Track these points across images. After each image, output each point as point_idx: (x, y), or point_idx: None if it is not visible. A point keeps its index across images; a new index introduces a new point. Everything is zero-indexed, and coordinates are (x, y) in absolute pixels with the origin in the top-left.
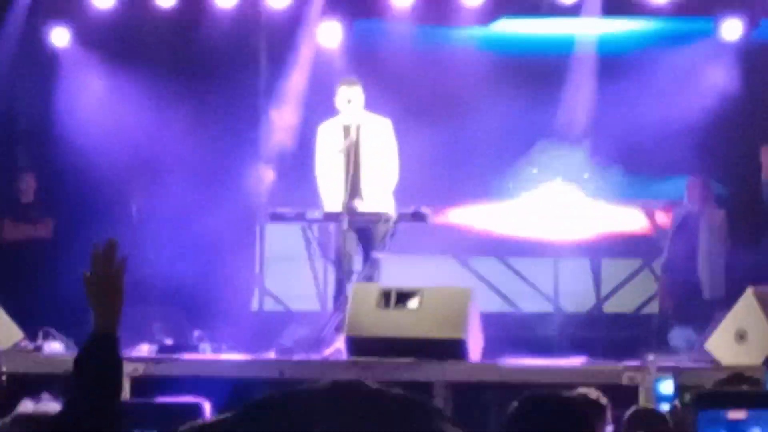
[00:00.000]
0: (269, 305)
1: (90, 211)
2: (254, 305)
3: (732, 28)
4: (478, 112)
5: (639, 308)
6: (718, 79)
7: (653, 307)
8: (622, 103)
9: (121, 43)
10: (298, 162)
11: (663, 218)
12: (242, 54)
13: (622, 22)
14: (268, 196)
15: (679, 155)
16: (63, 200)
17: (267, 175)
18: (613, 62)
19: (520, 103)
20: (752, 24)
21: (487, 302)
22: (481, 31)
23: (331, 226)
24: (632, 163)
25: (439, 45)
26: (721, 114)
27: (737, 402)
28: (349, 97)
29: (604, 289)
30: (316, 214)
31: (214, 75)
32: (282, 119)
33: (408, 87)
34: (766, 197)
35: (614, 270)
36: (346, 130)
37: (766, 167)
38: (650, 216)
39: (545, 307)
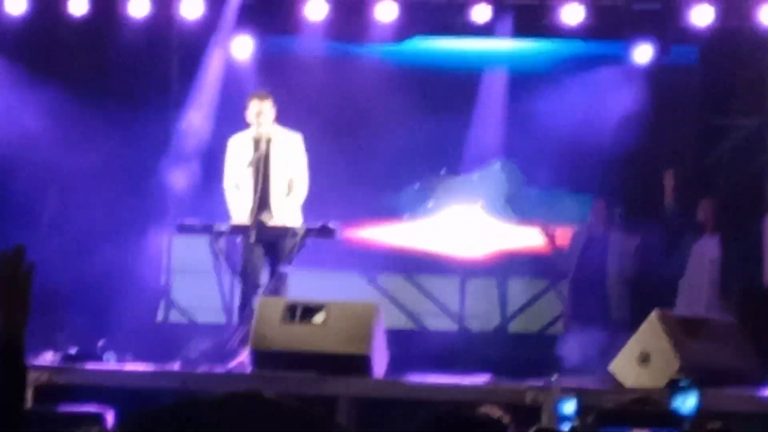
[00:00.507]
0: (175, 316)
1: None
2: (160, 316)
3: (643, 53)
4: (388, 129)
5: (544, 328)
6: (628, 102)
7: (558, 328)
8: (532, 121)
9: (32, 51)
10: (207, 174)
11: (563, 238)
12: (154, 64)
13: (534, 43)
14: (175, 207)
15: (585, 175)
16: None
17: (176, 186)
18: (524, 81)
19: (431, 120)
20: (663, 50)
21: (393, 319)
22: (394, 48)
23: (239, 239)
24: (539, 182)
25: (351, 60)
26: (628, 137)
27: (639, 422)
28: (260, 110)
29: (510, 309)
30: (223, 227)
31: (126, 85)
32: (192, 130)
33: (319, 101)
34: (669, 221)
35: (520, 290)
36: (256, 143)
37: (668, 192)
38: (550, 236)
39: (451, 325)
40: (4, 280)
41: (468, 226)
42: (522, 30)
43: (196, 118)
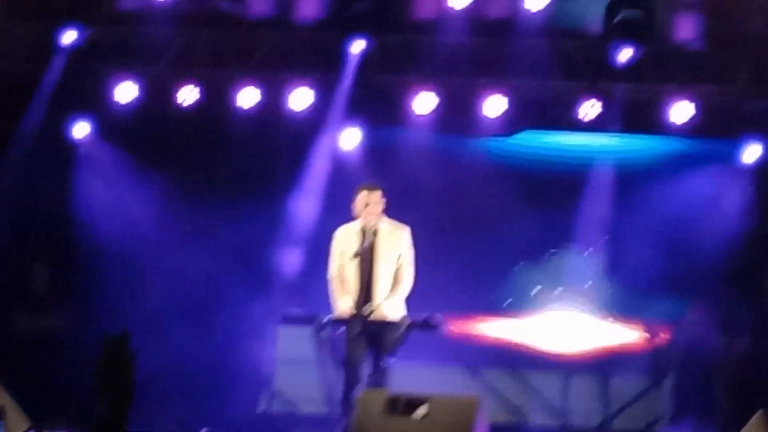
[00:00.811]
0: (277, 407)
1: (104, 304)
2: (262, 406)
3: (751, 153)
4: (495, 223)
5: (648, 427)
6: (735, 203)
7: (661, 426)
8: (634, 218)
9: (141, 138)
10: (313, 262)
11: (663, 337)
12: (262, 154)
13: (642, 140)
14: (282, 295)
15: (682, 278)
16: (77, 292)
17: (283, 274)
18: (631, 178)
19: (537, 216)
20: None
21: (496, 414)
22: (502, 142)
23: (342, 330)
24: (633, 278)
25: (459, 154)
26: (733, 238)
27: None
28: (368, 201)
29: (613, 407)
30: (327, 318)
31: (234, 175)
32: (299, 219)
33: (426, 194)
34: None
35: (623, 388)
36: (363, 234)
37: None
38: (653, 334)
39: (553, 421)
40: (109, 363)
41: (570, 323)
42: (630, 126)
43: (303, 208)
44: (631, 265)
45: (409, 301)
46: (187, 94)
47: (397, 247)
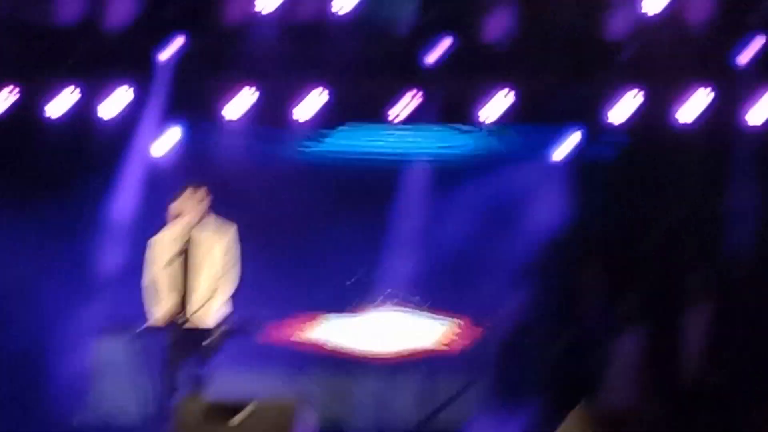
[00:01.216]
0: (93, 418)
1: None
2: (78, 418)
3: (570, 141)
4: (314, 222)
5: (468, 424)
6: (552, 195)
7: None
8: (453, 212)
9: None
10: (131, 272)
11: (480, 330)
12: (78, 162)
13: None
14: (98, 305)
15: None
16: None
17: (99, 281)
18: (448, 171)
19: (353, 214)
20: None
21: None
22: (318, 140)
23: (158, 339)
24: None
25: (276, 153)
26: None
27: None
28: (194, 198)
29: (433, 406)
30: (142, 327)
31: (50, 182)
32: (115, 223)
33: (244, 194)
34: (594, 314)
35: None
36: (186, 232)
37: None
38: (471, 328)
39: (372, 424)
40: None
41: (389, 323)
42: (447, 120)
43: (120, 213)
44: (448, 259)
45: (234, 299)
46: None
47: (219, 246)
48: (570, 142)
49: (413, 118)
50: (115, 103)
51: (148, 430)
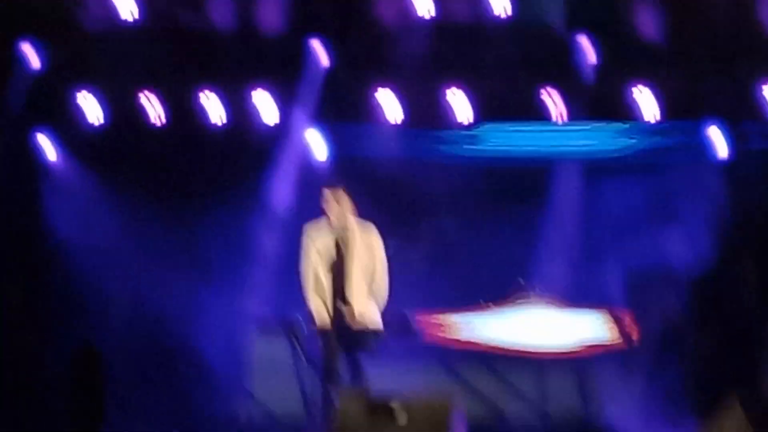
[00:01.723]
0: (255, 412)
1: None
2: (240, 411)
3: (720, 143)
4: (462, 221)
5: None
6: (705, 194)
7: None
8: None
9: (111, 158)
10: (286, 265)
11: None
12: (231, 167)
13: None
14: (257, 301)
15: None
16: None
17: (256, 278)
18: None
19: (505, 212)
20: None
21: (474, 409)
22: (466, 135)
23: (319, 334)
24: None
25: (424, 149)
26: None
27: None
28: (335, 201)
29: (593, 399)
30: (302, 325)
31: (203, 182)
32: (270, 223)
33: (393, 193)
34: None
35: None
36: (334, 236)
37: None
38: (622, 328)
39: (532, 413)
40: (77, 381)
41: (545, 319)
42: (597, 118)
43: (274, 212)
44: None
45: (389, 297)
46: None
47: (369, 246)
48: (727, 138)
49: (568, 116)
50: (266, 108)
51: (310, 426)
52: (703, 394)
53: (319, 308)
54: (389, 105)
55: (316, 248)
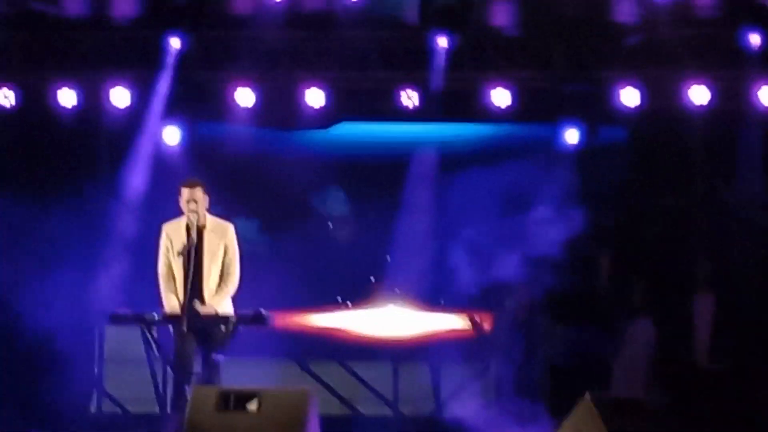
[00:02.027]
0: (108, 407)
1: None
2: (93, 407)
3: (572, 135)
4: (318, 216)
5: (475, 412)
6: (558, 185)
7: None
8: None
9: None
10: (140, 261)
11: (487, 324)
12: (84, 156)
13: (464, 126)
14: (108, 296)
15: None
16: None
17: (108, 273)
18: (454, 164)
19: (360, 207)
20: (591, 131)
21: (327, 406)
22: (322, 134)
23: (171, 328)
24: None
25: (280, 147)
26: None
27: None
28: (190, 197)
29: (443, 393)
30: (155, 316)
31: (56, 176)
32: (123, 216)
33: (249, 189)
34: (603, 303)
35: (453, 373)
36: (188, 231)
37: (603, 274)
38: (475, 321)
39: (385, 411)
40: None
41: (397, 312)
42: (450, 113)
43: (127, 205)
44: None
45: (236, 296)
46: (3, 98)
47: (221, 243)
48: (572, 133)
49: (418, 111)
50: (120, 96)
51: (162, 417)
52: (557, 394)
53: (173, 304)
54: (245, 99)
55: (173, 247)
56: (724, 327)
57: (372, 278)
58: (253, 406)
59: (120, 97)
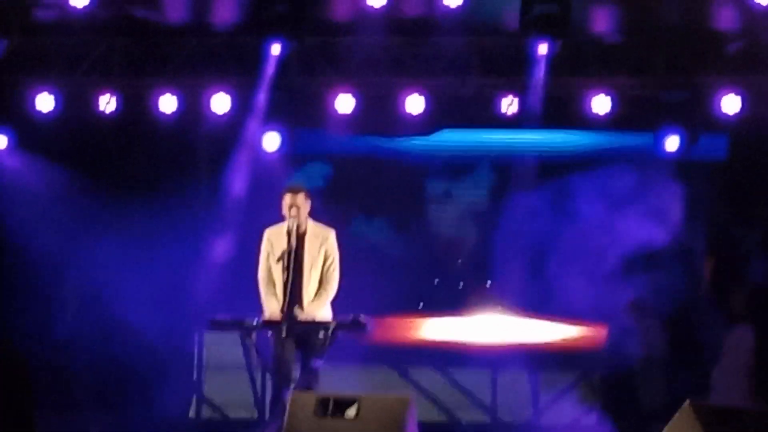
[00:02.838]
0: (207, 413)
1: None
2: (192, 412)
3: (672, 143)
4: (420, 223)
5: (574, 421)
6: (658, 194)
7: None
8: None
9: (61, 148)
10: (241, 266)
11: (599, 336)
12: (184, 162)
13: (563, 134)
14: (208, 301)
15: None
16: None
17: (208, 279)
18: (553, 172)
19: (461, 214)
20: (692, 139)
21: (425, 412)
22: (423, 140)
23: (270, 334)
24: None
25: (380, 153)
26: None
27: None
28: (292, 203)
29: (541, 401)
30: (254, 322)
31: (156, 180)
32: (223, 224)
33: (350, 195)
34: (704, 311)
35: (552, 382)
36: (289, 236)
37: (706, 281)
38: (589, 333)
39: (483, 417)
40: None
41: (499, 321)
42: (550, 120)
43: (227, 212)
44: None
45: (336, 301)
46: (107, 101)
47: (322, 249)
48: (673, 140)
49: (517, 118)
50: (221, 102)
51: (261, 423)
52: (658, 400)
53: (273, 309)
54: (345, 106)
55: (273, 252)
56: None
57: (488, 283)
58: (351, 412)
59: (220, 103)
